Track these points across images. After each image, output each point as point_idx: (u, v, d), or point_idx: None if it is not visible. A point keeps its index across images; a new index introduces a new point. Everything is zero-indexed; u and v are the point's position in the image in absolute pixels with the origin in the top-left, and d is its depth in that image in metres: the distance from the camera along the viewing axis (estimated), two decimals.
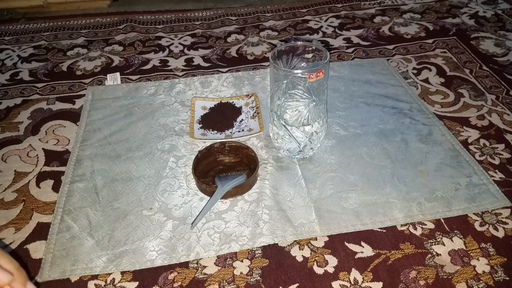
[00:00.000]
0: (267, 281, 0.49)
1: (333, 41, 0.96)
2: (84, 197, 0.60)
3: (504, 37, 0.94)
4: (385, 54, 0.90)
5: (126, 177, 0.63)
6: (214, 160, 0.65)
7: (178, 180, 0.62)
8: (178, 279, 0.50)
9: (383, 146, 0.66)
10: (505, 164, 0.63)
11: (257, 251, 0.53)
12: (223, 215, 0.57)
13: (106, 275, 0.51)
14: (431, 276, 0.49)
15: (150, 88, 0.82)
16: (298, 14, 1.10)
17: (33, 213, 0.59)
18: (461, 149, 0.65)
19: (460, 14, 1.05)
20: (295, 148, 0.62)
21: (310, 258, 0.52)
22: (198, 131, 0.71)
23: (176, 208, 0.58)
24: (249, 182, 0.59)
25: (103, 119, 0.74)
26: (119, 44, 1.00)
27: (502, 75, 0.82)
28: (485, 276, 0.49)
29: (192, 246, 0.53)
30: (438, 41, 0.94)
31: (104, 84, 0.85)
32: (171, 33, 1.03)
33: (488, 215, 0.56)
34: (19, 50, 0.99)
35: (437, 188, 0.59)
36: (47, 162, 0.67)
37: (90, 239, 0.54)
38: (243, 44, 0.98)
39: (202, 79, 0.84)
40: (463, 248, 0.52)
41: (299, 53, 0.60)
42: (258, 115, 0.73)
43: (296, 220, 0.56)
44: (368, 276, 0.49)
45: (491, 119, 0.72)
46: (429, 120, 0.71)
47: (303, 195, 0.59)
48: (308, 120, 0.59)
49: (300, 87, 0.56)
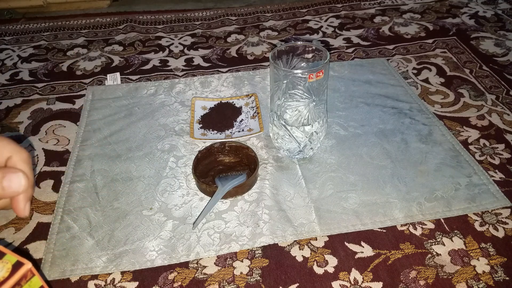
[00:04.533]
0: (267, 281, 0.49)
1: (333, 41, 0.96)
2: (84, 197, 0.60)
3: (504, 37, 0.94)
4: (385, 54, 0.90)
5: (126, 177, 0.63)
6: (214, 160, 0.65)
7: (178, 180, 0.62)
8: (178, 279, 0.50)
9: (383, 146, 0.66)
10: (505, 164, 0.63)
11: (257, 251, 0.53)
12: (223, 215, 0.57)
13: (106, 275, 0.51)
14: (431, 276, 0.49)
15: (150, 88, 0.82)
16: (298, 14, 1.10)
17: (33, 213, 0.59)
18: (461, 149, 0.65)
19: (460, 14, 1.05)
20: (295, 148, 0.62)
21: (310, 258, 0.52)
22: (198, 131, 0.71)
23: (176, 208, 0.58)
24: (249, 182, 0.59)
25: (103, 119, 0.74)
26: (119, 44, 1.00)
27: (502, 75, 0.82)
28: (485, 276, 0.49)
29: (192, 246, 0.53)
30: (438, 41, 0.94)
31: (104, 84, 0.85)
32: (171, 33, 1.03)
33: (488, 215, 0.56)
34: (19, 50, 0.99)
35: (437, 188, 0.59)
36: (47, 162, 0.67)
37: (90, 239, 0.54)
38: (243, 44, 0.98)
39: (202, 79, 0.84)
40: (463, 248, 0.52)
41: (299, 53, 0.60)
42: (258, 115, 0.73)
43: (296, 220, 0.56)
44: (368, 276, 0.49)
45: (491, 119, 0.72)
46: (429, 120, 0.71)
47: (303, 195, 0.59)
48: (308, 120, 0.59)
49: (300, 87, 0.56)
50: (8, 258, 0.34)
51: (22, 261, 0.34)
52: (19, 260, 0.34)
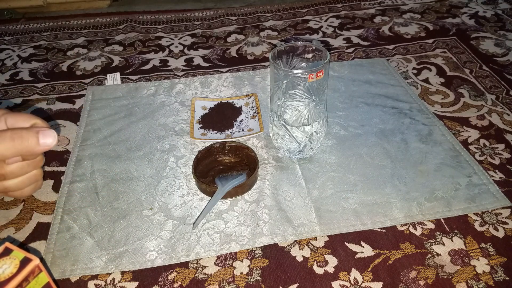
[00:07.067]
0: (267, 281, 0.49)
1: (333, 41, 0.96)
2: (84, 197, 0.60)
3: (504, 37, 0.94)
4: (385, 54, 0.90)
5: (126, 177, 0.63)
6: (214, 160, 0.65)
7: (178, 180, 0.62)
8: (178, 279, 0.50)
9: (383, 146, 0.66)
10: (505, 164, 0.63)
11: (257, 251, 0.53)
12: (223, 215, 0.57)
13: (106, 275, 0.51)
14: (431, 276, 0.49)
15: (150, 88, 0.82)
16: (298, 14, 1.10)
17: (33, 213, 0.59)
18: (461, 149, 0.65)
19: (460, 14, 1.05)
20: (295, 148, 0.62)
21: (310, 258, 0.52)
22: (198, 131, 0.71)
23: (176, 208, 0.58)
24: (249, 182, 0.59)
25: (103, 119, 0.74)
26: (119, 44, 1.00)
27: (502, 75, 0.82)
28: (485, 276, 0.49)
29: (192, 246, 0.53)
30: (438, 41, 0.94)
31: (104, 84, 0.85)
32: (171, 33, 1.03)
33: (488, 215, 0.56)
34: (19, 50, 0.99)
35: (437, 188, 0.59)
36: (47, 162, 0.67)
37: (90, 239, 0.54)
38: (243, 44, 0.98)
39: (202, 79, 0.84)
40: (463, 248, 0.52)
41: (299, 53, 0.60)
42: (258, 115, 0.73)
43: (296, 220, 0.56)
44: (368, 276, 0.49)
45: (491, 119, 0.72)
46: (429, 120, 0.71)
47: (303, 195, 0.59)
48: (308, 120, 0.59)
49: (300, 87, 0.56)
50: (16, 254, 0.34)
51: (29, 257, 0.34)
52: (27, 256, 0.34)
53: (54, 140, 0.37)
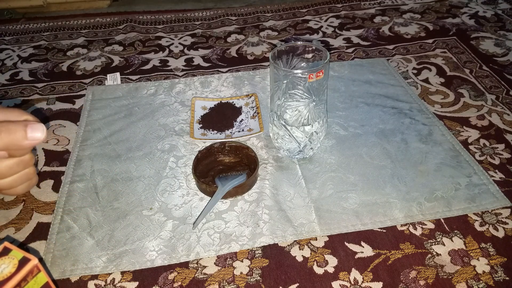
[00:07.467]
0: (267, 281, 0.49)
1: (333, 41, 0.96)
2: (84, 197, 0.60)
3: (504, 37, 0.94)
4: (385, 54, 0.90)
5: (126, 177, 0.63)
6: (214, 160, 0.65)
7: (178, 180, 0.62)
8: (178, 279, 0.50)
9: (383, 146, 0.66)
10: (505, 164, 0.63)
11: (257, 251, 0.53)
12: (223, 215, 0.57)
13: (106, 275, 0.51)
14: (431, 276, 0.49)
15: (150, 88, 0.82)
16: (298, 14, 1.10)
17: (33, 213, 0.59)
18: (461, 149, 0.65)
19: (460, 14, 1.05)
20: (295, 148, 0.62)
21: (310, 258, 0.52)
22: (198, 131, 0.71)
23: (176, 208, 0.58)
24: (249, 182, 0.59)
25: (103, 119, 0.74)
26: (119, 44, 1.00)
27: (502, 75, 0.82)
28: (485, 276, 0.49)
29: (192, 246, 0.53)
30: (438, 41, 0.94)
31: (104, 84, 0.85)
32: (171, 33, 1.03)
33: (488, 215, 0.56)
34: (19, 50, 0.99)
35: (437, 188, 0.59)
36: (47, 162, 0.67)
37: (90, 239, 0.54)
38: (243, 44, 0.98)
39: (202, 79, 0.84)
40: (463, 248, 0.52)
41: (299, 53, 0.60)
42: (258, 115, 0.73)
43: (296, 220, 0.56)
44: (368, 276, 0.49)
45: (491, 119, 0.72)
46: (429, 120, 0.71)
47: (303, 195, 0.59)
48: (308, 120, 0.59)
49: (300, 87, 0.56)
50: (15, 254, 0.34)
51: (28, 257, 0.34)
52: (26, 256, 0.34)
53: (42, 134, 0.36)
